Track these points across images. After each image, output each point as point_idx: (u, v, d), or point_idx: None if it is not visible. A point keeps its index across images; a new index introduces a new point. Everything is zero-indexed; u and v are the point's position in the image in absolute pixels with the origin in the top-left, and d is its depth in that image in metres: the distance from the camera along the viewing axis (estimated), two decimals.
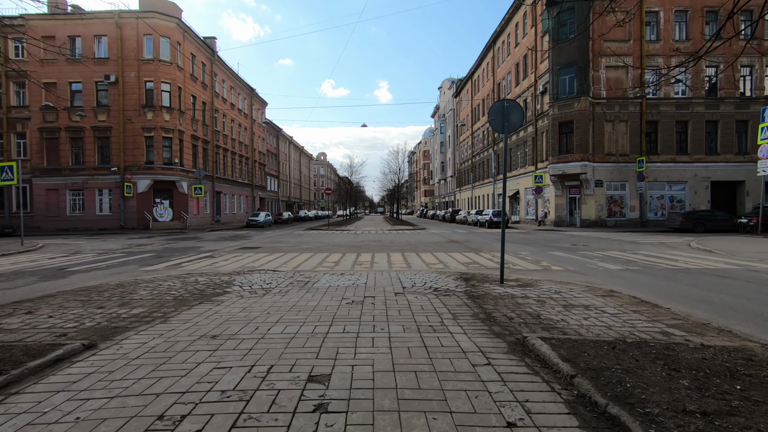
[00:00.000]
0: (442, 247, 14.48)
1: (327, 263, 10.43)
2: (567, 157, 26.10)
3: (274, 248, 14.65)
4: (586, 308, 5.22)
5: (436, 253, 12.45)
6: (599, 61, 26.00)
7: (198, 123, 31.50)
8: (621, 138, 26.38)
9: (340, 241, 18.20)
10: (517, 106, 7.07)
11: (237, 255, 12.42)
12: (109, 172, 27.15)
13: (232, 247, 15.13)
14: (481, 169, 46.39)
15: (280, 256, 11.96)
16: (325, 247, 14.87)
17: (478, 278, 7.64)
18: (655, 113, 26.22)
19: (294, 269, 9.31)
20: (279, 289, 6.60)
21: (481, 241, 17.48)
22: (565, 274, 8.51)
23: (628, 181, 26.23)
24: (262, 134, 49.27)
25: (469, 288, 6.55)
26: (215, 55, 34.52)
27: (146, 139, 27.30)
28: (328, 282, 7.25)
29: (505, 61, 37.95)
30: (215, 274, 8.16)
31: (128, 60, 26.96)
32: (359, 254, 12.42)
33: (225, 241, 18.19)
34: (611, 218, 26.34)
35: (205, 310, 5.18)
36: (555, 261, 10.60)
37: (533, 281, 7.29)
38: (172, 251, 13.77)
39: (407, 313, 4.92)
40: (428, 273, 8.31)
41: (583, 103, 25.47)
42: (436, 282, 7.17)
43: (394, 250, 13.54)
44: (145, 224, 27.24)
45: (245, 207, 42.71)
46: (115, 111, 27.06)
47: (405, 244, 16.32)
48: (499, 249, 13.87)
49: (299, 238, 20.53)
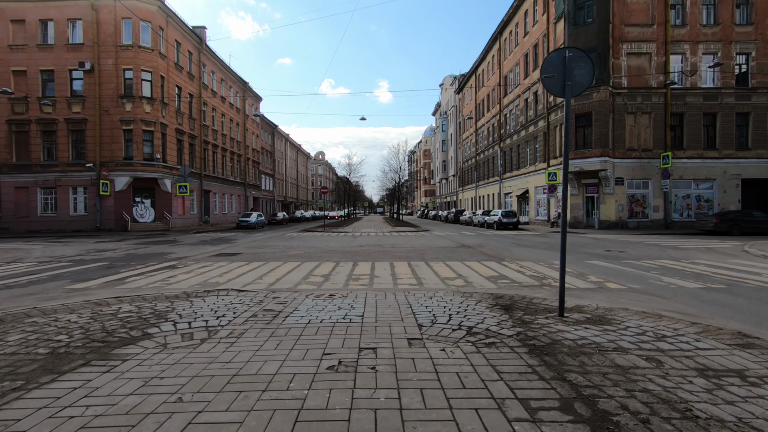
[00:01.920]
0: (455, 254, 12.24)
1: (314, 277, 8.18)
2: (585, 152, 23.87)
3: (256, 255, 12.39)
4: (742, 377, 2.98)
5: (449, 263, 10.20)
6: (620, 48, 23.79)
7: (184, 116, 29.21)
8: (643, 132, 24.17)
9: (336, 245, 15.94)
10: (583, 57, 4.82)
11: (206, 265, 10.16)
12: (84, 169, 24.84)
13: (207, 254, 12.87)
14: (486, 168, 44.16)
15: (258, 267, 9.70)
16: (316, 254, 12.61)
17: (522, 305, 5.40)
18: (681, 105, 24.01)
19: (269, 288, 7.06)
20: (232, 328, 4.35)
21: (496, 245, 15.23)
22: (634, 297, 6.27)
23: (651, 178, 24.01)
24: (256, 131, 46.97)
25: (521, 328, 4.30)
26: (203, 44, 32.21)
27: (125, 132, 24.99)
28: (309, 312, 5.01)
29: (513, 53, 35.73)
30: (155, 298, 5.90)
31: (105, 46, 24.67)
32: (356, 264, 10.16)
33: (203, 246, 15.92)
34: (633, 219, 24.12)
35: (62, 394, 2.92)
36: (603, 274, 8.36)
37: (605, 312, 5.04)
38: (132, 259, 11.50)
39: (438, 401, 2.66)
40: (449, 295, 6.05)
41: (603, 93, 23.25)
42: (466, 313, 4.93)
43: (398, 258, 11.29)
44: (124, 225, 24.94)
45: (237, 207, 40.41)
46: (90, 102, 24.75)
47: (410, 249, 14.07)
48: (523, 256, 11.46)
49: (290, 241, 18.27)
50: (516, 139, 34.84)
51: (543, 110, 29.14)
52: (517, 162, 34.75)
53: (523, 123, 33.11)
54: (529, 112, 32.05)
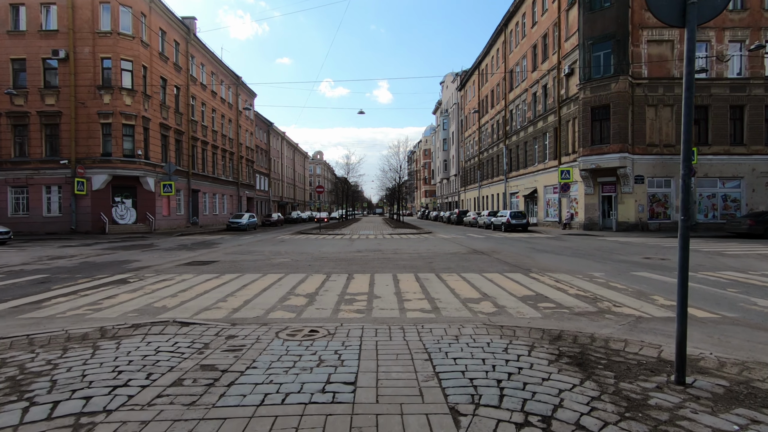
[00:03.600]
0: (468, 262, 10.33)
1: (295, 298, 6.27)
2: (602, 148, 22.00)
3: (234, 264, 10.47)
4: None
5: (465, 275, 8.30)
6: (640, 35, 21.94)
7: (169, 110, 27.27)
8: (665, 125, 22.30)
9: (330, 250, 14.03)
10: None
11: (166, 278, 8.24)
12: (58, 166, 22.88)
13: (177, 262, 10.94)
14: (490, 167, 42.29)
15: (229, 281, 7.79)
16: (305, 262, 10.70)
17: (599, 354, 3.51)
18: (706, 96, 22.15)
19: (229, 316, 5.15)
20: (121, 419, 2.44)
21: (512, 251, 13.33)
22: (749, 336, 4.37)
23: (673, 176, 22.14)
24: (249, 128, 45.04)
25: (633, 419, 2.40)
26: (191, 34, 30.27)
27: (102, 126, 23.03)
28: (269, 374, 3.11)
29: (520, 45, 33.88)
30: (48, 340, 3.99)
31: (81, 33, 22.72)
32: (351, 277, 8.26)
33: (178, 252, 13.99)
34: (654, 220, 22.25)
35: None
36: (669, 293, 6.46)
37: (745, 373, 3.14)
38: (84, 269, 9.59)
39: None
40: (481, 331, 4.15)
41: (622, 83, 21.38)
42: (522, 376, 3.03)
43: (402, 268, 9.39)
44: (102, 228, 22.98)
45: (229, 207, 38.44)
46: (65, 93, 22.80)
47: (414, 255, 12.17)
48: (550, 265, 9.58)
49: (279, 246, 16.36)
50: (523, 136, 32.98)
51: (553, 104, 27.27)
52: (524, 160, 32.88)
53: (531, 118, 31.25)
54: (538, 106, 30.19)
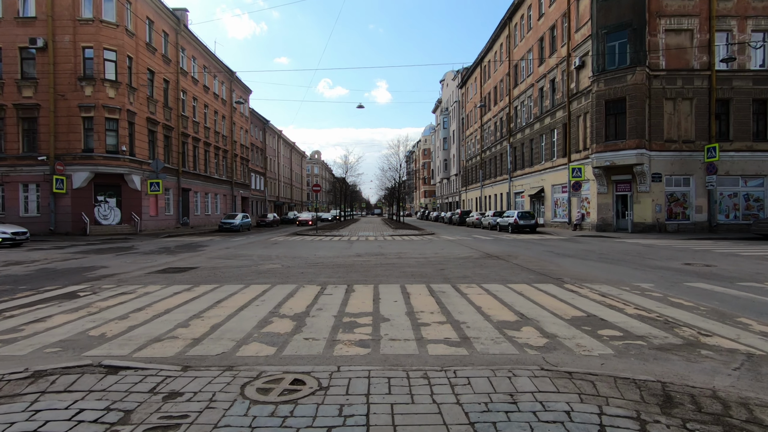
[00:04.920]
0: (485, 269, 8.92)
1: (278, 323, 4.83)
2: (617, 144, 20.65)
3: (214, 272, 9.03)
4: None
5: (488, 286, 6.88)
6: (657, 23, 20.61)
7: (157, 104, 25.77)
8: (684, 120, 20.97)
9: (326, 254, 12.60)
10: None
11: (127, 291, 6.80)
12: (36, 162, 21.36)
13: (151, 269, 9.50)
14: (493, 166, 40.93)
15: (201, 296, 6.35)
16: (297, 269, 9.27)
17: None
18: (727, 89, 20.84)
19: (180, 356, 3.71)
20: None
21: (530, 255, 11.93)
22: None
23: (693, 174, 20.83)
24: (244, 125, 43.54)
25: None
26: (181, 25, 28.78)
27: (84, 120, 21.53)
28: None
29: (525, 39, 32.54)
30: None
31: (61, 20, 21.22)
32: (351, 289, 6.83)
33: (158, 256, 12.54)
34: (672, 221, 20.91)
35: None
36: (757, 314, 5.06)
37: None
38: (36, 279, 8.14)
39: None
40: (542, 382, 2.73)
41: (639, 75, 20.03)
42: None
43: (410, 277, 7.97)
44: (83, 228, 21.47)
45: (223, 207, 36.93)
46: (44, 85, 21.28)
47: (422, 260, 10.75)
48: (584, 274, 8.32)
49: (270, 249, 14.92)
50: (529, 133, 31.62)
51: (562, 99, 25.93)
52: (530, 158, 31.52)
53: (538, 115, 29.90)
54: (545, 102, 28.84)
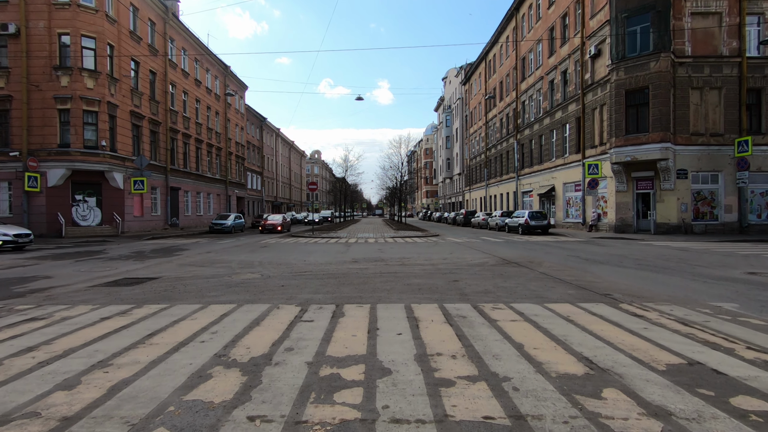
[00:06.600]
0: (508, 280, 7.21)
1: (218, 379, 3.09)
2: (639, 137, 18.94)
3: (175, 284, 7.34)
4: None
5: (520, 307, 5.18)
6: (683, 6, 18.92)
7: (142, 97, 24.15)
8: (712, 111, 19.27)
9: (317, 260, 10.92)
10: None
11: (39, 317, 5.12)
12: (7, 158, 19.74)
13: (101, 280, 7.82)
14: (498, 164, 39.24)
15: (133, 324, 4.66)
16: (278, 280, 7.58)
17: None
18: (759, 78, 19.15)
19: None
20: None
21: (554, 261, 10.22)
22: None
23: (721, 170, 19.13)
24: (240, 122, 41.92)
25: None
26: (170, 14, 27.15)
27: (60, 113, 19.92)
28: None
29: (533, 29, 30.86)
30: None
31: (35, 4, 19.62)
32: (340, 312, 5.12)
33: (122, 262, 10.87)
34: (699, 221, 19.20)
35: None
36: None
37: None
38: None
39: None
40: None
41: (663, 62, 18.33)
42: None
43: (417, 292, 6.26)
44: (59, 230, 19.84)
45: (216, 207, 35.29)
46: (16, 74, 19.68)
47: (429, 267, 9.05)
48: (634, 288, 6.29)
49: (257, 253, 13.24)
50: (537, 129, 29.93)
51: (575, 91, 24.24)
52: (539, 155, 29.82)
53: (547, 109, 28.22)
54: (556, 95, 27.16)
